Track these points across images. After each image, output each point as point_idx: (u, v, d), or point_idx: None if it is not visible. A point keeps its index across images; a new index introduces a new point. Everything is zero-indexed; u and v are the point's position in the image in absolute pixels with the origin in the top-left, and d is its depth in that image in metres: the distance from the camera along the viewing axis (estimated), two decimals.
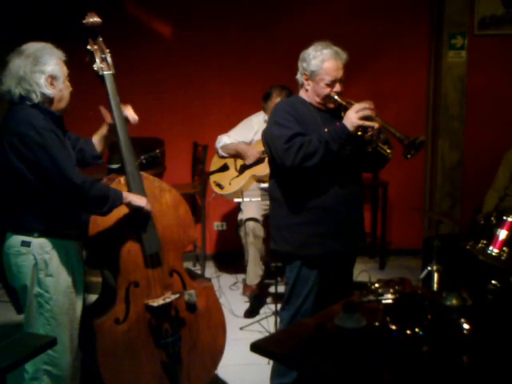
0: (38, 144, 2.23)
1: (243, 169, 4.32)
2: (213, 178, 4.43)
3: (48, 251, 2.34)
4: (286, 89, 4.18)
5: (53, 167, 2.23)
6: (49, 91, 2.32)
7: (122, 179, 2.60)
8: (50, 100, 2.35)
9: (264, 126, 4.24)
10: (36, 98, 2.30)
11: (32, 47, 2.34)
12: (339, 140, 2.53)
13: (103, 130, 2.64)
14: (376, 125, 2.53)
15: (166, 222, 2.68)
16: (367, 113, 2.52)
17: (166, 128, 5.09)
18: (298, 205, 2.69)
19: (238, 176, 4.33)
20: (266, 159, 4.17)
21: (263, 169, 4.23)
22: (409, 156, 2.47)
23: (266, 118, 4.28)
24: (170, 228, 2.69)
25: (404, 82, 5.17)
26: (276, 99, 4.16)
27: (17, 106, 2.31)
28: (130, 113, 2.63)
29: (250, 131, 4.35)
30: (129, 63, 4.74)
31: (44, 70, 2.30)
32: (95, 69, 2.58)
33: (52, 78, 2.33)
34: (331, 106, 2.71)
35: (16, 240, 2.34)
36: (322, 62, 2.64)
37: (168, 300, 2.60)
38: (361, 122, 2.51)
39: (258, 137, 4.28)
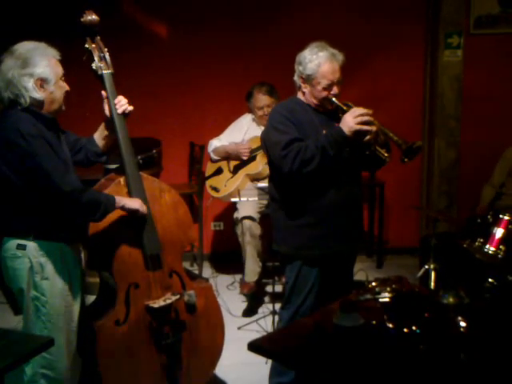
0: (26, 152, 2.18)
1: (236, 169, 4.36)
2: (208, 183, 4.47)
3: (43, 254, 2.32)
4: (266, 84, 4.25)
5: (40, 175, 2.20)
6: (38, 95, 2.27)
7: (122, 180, 2.59)
8: (40, 103, 2.29)
9: (253, 124, 4.33)
10: (25, 103, 2.25)
11: (23, 47, 2.28)
12: (336, 144, 2.53)
13: (102, 128, 2.61)
14: (373, 129, 2.52)
15: (166, 222, 2.68)
16: (365, 118, 2.51)
17: (163, 128, 5.09)
18: (297, 207, 2.70)
19: (232, 177, 4.36)
20: (258, 157, 4.23)
21: (256, 166, 4.27)
22: (406, 160, 2.48)
23: (254, 117, 4.32)
24: (169, 229, 2.69)
25: (400, 82, 5.18)
26: (257, 95, 4.23)
27: (7, 110, 2.27)
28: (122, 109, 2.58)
29: (239, 132, 4.39)
30: (126, 64, 4.72)
31: (33, 73, 2.24)
32: (94, 68, 2.56)
33: (42, 81, 2.27)
34: (329, 108, 2.71)
35: (12, 243, 2.32)
36: (318, 66, 2.62)
37: (168, 301, 2.59)
38: (358, 127, 2.50)
39: (248, 136, 4.33)
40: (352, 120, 2.50)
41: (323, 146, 2.53)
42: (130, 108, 2.59)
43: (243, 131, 4.38)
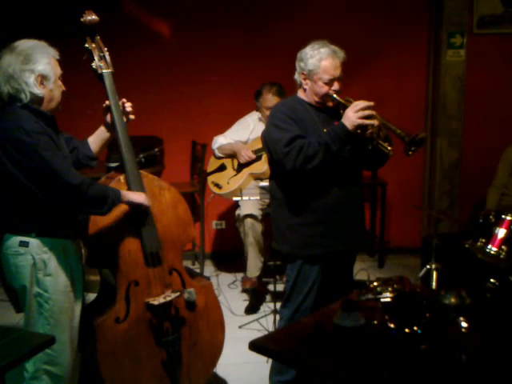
0: (32, 148, 2.19)
1: (241, 167, 4.34)
2: (211, 179, 4.44)
3: (46, 251, 2.32)
4: (276, 84, 4.22)
5: (48, 170, 2.20)
6: (38, 91, 2.27)
7: (122, 178, 2.60)
8: (39, 100, 2.30)
9: (259, 123, 4.31)
10: (25, 98, 2.26)
11: (24, 44, 2.29)
12: (339, 140, 2.53)
13: (101, 131, 2.61)
14: (376, 122, 2.52)
15: (166, 220, 2.68)
16: (367, 112, 2.51)
17: (165, 127, 5.09)
18: (298, 205, 2.70)
19: (235, 175, 4.34)
20: (263, 157, 4.21)
21: (260, 166, 4.25)
22: (410, 153, 2.47)
23: (260, 116, 4.31)
24: (169, 227, 2.69)
25: (403, 82, 5.18)
26: (267, 95, 4.20)
27: (7, 107, 2.28)
28: (126, 110, 2.60)
29: (245, 130, 4.37)
30: (128, 62, 4.74)
31: (34, 69, 2.25)
32: (94, 67, 2.57)
33: (42, 78, 2.28)
34: (330, 104, 2.71)
35: (14, 240, 2.32)
36: (319, 61, 2.63)
37: (168, 298, 2.59)
38: (360, 121, 2.51)
39: (254, 135, 4.31)
40: (354, 114, 2.50)
41: (326, 142, 2.53)
42: (132, 116, 2.62)
43: (249, 130, 4.36)
